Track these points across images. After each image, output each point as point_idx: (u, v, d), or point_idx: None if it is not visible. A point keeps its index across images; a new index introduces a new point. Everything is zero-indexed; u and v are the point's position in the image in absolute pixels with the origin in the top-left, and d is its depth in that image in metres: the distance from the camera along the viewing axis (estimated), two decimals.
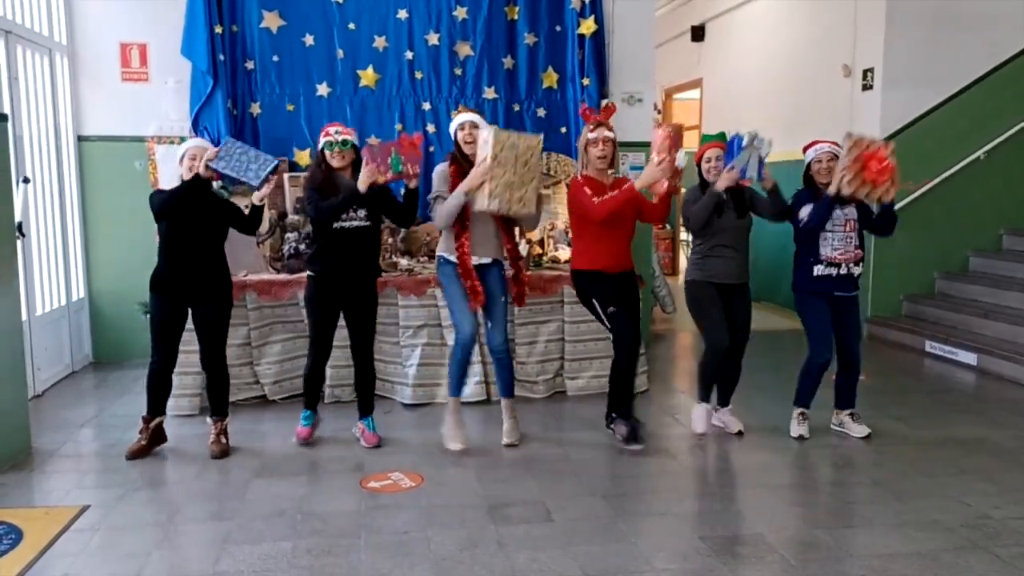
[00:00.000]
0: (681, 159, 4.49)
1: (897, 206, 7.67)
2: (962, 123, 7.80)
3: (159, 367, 4.65)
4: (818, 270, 4.77)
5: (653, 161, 4.54)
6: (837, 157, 4.70)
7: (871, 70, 7.81)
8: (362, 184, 4.41)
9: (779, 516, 3.95)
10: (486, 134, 4.45)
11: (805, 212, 4.72)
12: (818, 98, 8.64)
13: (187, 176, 4.47)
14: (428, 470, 4.46)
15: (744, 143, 4.56)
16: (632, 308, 4.84)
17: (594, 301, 4.74)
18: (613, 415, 4.92)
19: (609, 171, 4.79)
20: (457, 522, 3.82)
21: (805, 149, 4.89)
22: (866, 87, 7.89)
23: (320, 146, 4.62)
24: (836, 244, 4.73)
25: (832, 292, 4.79)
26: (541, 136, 4.67)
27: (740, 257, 4.84)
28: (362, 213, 4.58)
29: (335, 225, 4.54)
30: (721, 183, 4.62)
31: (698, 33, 11.13)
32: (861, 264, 4.82)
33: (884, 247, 7.82)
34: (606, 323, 4.75)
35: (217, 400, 4.78)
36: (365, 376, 4.88)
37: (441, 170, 4.70)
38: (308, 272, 4.75)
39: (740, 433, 5.01)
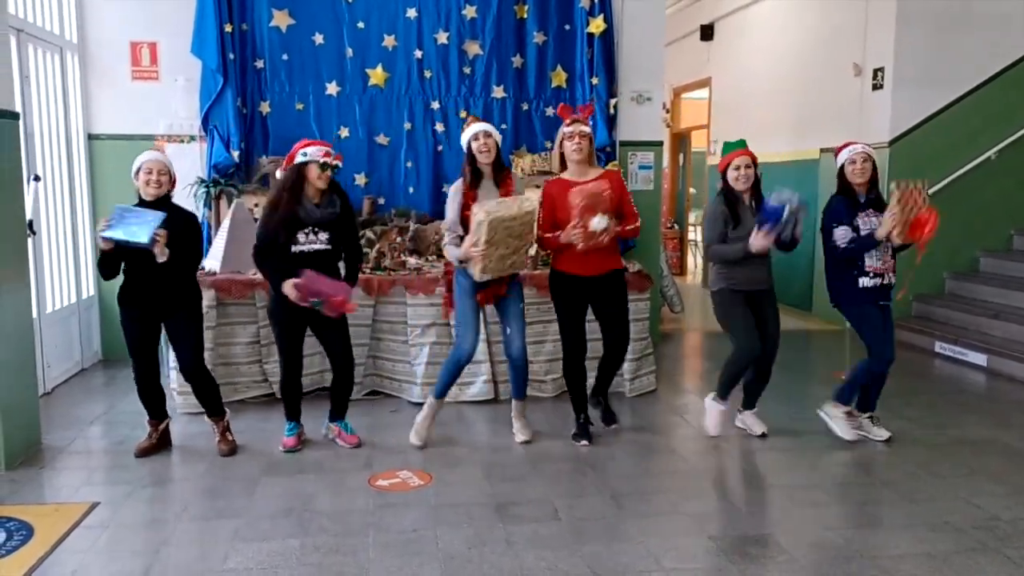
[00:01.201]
0: (596, 223, 4.43)
1: None
2: (973, 123, 7.77)
3: (140, 377, 4.64)
4: (863, 282, 4.68)
5: (570, 225, 4.50)
6: (871, 158, 4.68)
7: (881, 69, 7.78)
8: (285, 289, 4.36)
9: (789, 516, 3.94)
10: (481, 216, 4.32)
11: (841, 235, 4.64)
12: (828, 98, 8.62)
13: (144, 191, 4.44)
14: (437, 469, 4.46)
15: (785, 214, 4.41)
16: (617, 309, 4.84)
17: (556, 303, 4.84)
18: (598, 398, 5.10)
19: (593, 170, 4.76)
20: (465, 521, 3.82)
21: (838, 151, 4.79)
22: (876, 87, 7.86)
23: (307, 159, 4.44)
24: (877, 254, 4.66)
25: (878, 302, 4.73)
26: (535, 203, 4.55)
27: (763, 263, 4.76)
28: (324, 236, 4.50)
29: (294, 249, 4.44)
30: (757, 244, 4.49)
31: (707, 32, 11.11)
32: (894, 273, 4.74)
33: None
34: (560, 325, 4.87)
35: (209, 403, 4.77)
36: (345, 382, 4.81)
37: (454, 193, 4.68)
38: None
39: (764, 435, 4.97)
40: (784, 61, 9.57)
